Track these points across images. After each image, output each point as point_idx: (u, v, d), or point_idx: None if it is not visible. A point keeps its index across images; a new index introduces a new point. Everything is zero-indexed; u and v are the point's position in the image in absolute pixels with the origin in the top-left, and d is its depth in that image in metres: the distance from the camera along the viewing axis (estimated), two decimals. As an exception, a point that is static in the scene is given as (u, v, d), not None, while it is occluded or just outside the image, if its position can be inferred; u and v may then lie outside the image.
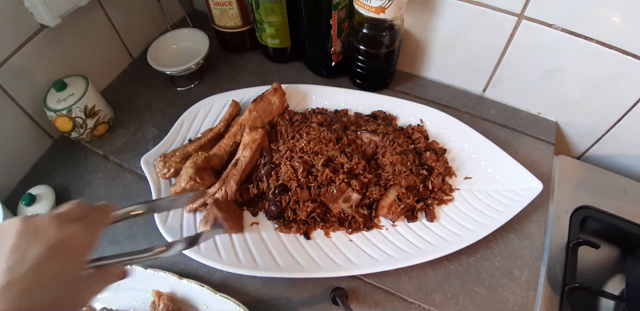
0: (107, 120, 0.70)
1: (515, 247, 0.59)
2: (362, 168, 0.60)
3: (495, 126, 0.72)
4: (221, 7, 0.72)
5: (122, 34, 0.77)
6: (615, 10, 0.53)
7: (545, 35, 0.60)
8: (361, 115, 0.70)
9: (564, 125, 0.73)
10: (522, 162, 0.62)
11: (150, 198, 0.60)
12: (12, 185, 0.67)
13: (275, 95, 0.67)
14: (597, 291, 0.56)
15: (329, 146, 0.61)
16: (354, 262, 0.55)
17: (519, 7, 0.59)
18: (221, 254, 0.56)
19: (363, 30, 0.65)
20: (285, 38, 0.75)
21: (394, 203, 0.58)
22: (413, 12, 0.66)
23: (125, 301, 0.55)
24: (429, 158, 0.63)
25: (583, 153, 0.77)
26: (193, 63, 0.72)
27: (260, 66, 0.81)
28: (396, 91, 0.76)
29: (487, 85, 0.74)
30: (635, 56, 0.57)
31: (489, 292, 0.56)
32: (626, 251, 0.62)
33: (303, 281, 0.56)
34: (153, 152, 0.64)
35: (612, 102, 0.64)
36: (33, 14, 0.58)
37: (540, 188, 0.59)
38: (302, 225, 0.58)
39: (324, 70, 0.76)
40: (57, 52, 0.65)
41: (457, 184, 0.63)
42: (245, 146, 0.61)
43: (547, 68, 0.65)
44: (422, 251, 0.56)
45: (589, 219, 0.62)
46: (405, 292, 0.56)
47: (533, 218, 0.61)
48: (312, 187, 0.58)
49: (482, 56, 0.69)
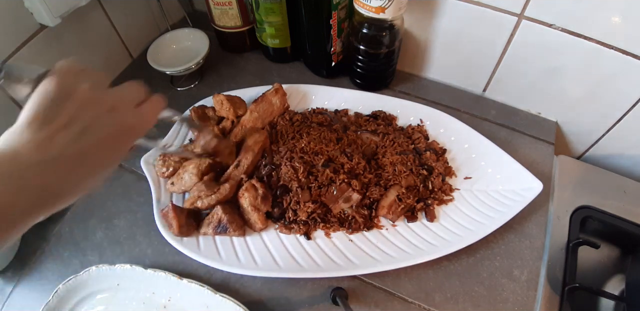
0: (107, 120, 0.70)
1: (515, 247, 0.59)
2: (363, 168, 0.60)
3: (495, 126, 0.72)
4: (221, 7, 0.72)
5: (122, 34, 0.77)
6: (615, 10, 0.53)
7: (545, 35, 0.60)
8: (361, 115, 0.70)
9: (564, 125, 0.73)
10: (522, 162, 0.62)
11: (150, 199, 0.60)
12: (12, 185, 0.67)
13: (277, 96, 0.67)
14: (597, 291, 0.56)
15: (329, 146, 0.61)
16: (354, 262, 0.55)
17: (519, 7, 0.59)
18: (221, 254, 0.56)
19: (363, 30, 0.65)
20: (285, 38, 0.75)
21: (394, 203, 0.58)
22: (413, 12, 0.66)
23: (125, 301, 0.55)
24: (429, 158, 0.63)
25: (583, 153, 0.77)
26: (193, 63, 0.72)
27: (260, 66, 0.81)
28: (396, 91, 0.76)
29: (487, 85, 0.74)
30: (635, 56, 0.57)
31: (489, 292, 0.56)
32: (626, 251, 0.62)
33: (303, 281, 0.57)
34: (153, 152, 0.64)
35: (612, 102, 0.64)
36: (33, 14, 0.58)
37: (540, 188, 0.59)
38: (303, 226, 0.58)
39: (324, 70, 0.76)
40: (57, 52, 0.65)
41: (457, 184, 0.63)
42: (248, 148, 0.61)
43: (547, 68, 0.65)
44: (422, 251, 0.56)
45: (589, 219, 0.62)
46: (405, 292, 0.56)
47: (533, 218, 0.61)
48: (312, 187, 0.58)
49: (482, 56, 0.69)
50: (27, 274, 0.59)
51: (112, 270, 0.55)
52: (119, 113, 0.34)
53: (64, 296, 0.55)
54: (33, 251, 0.60)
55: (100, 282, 0.56)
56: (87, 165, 0.33)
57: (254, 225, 0.58)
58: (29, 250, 0.60)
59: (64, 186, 0.32)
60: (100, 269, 0.55)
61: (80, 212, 0.63)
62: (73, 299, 0.55)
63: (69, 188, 0.32)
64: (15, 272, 0.59)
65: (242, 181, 0.60)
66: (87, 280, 0.55)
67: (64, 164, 0.31)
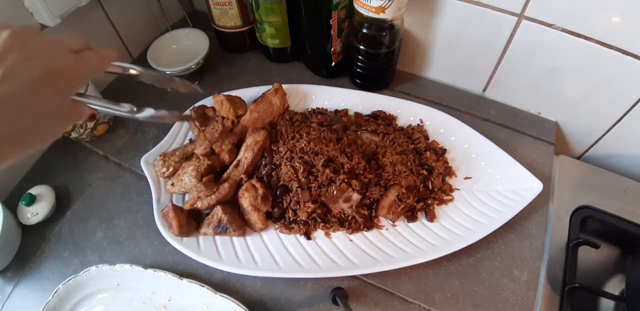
0: (107, 120, 0.70)
1: (515, 247, 0.59)
2: (363, 168, 0.60)
3: (495, 126, 0.72)
4: (221, 7, 0.72)
5: (122, 34, 0.77)
6: (615, 10, 0.53)
7: (545, 35, 0.60)
8: (361, 115, 0.70)
9: (564, 125, 0.73)
10: (522, 162, 0.62)
11: (150, 199, 0.60)
12: (12, 185, 0.67)
13: (277, 96, 0.67)
14: (597, 291, 0.56)
15: (329, 146, 0.61)
16: (354, 262, 0.55)
17: (519, 7, 0.59)
18: (221, 254, 0.56)
19: (363, 30, 0.65)
20: (285, 38, 0.75)
21: (394, 203, 0.58)
22: (413, 12, 0.66)
23: (125, 301, 0.55)
24: (429, 158, 0.63)
25: (583, 153, 0.77)
26: (193, 63, 0.72)
27: (260, 66, 0.81)
28: (396, 91, 0.76)
29: (487, 85, 0.74)
30: (635, 56, 0.57)
31: (489, 292, 0.56)
32: (626, 251, 0.62)
33: (303, 281, 0.57)
34: (153, 152, 0.64)
35: (612, 102, 0.64)
36: (33, 14, 0.58)
37: (540, 188, 0.59)
38: (303, 226, 0.58)
39: (324, 70, 0.76)
40: (57, 52, 0.65)
41: (457, 184, 0.63)
42: (248, 147, 0.61)
43: (547, 68, 0.65)
44: (422, 251, 0.56)
45: (589, 219, 0.62)
46: (405, 292, 0.56)
47: (533, 218, 0.61)
48: (312, 187, 0.58)
49: (482, 56, 0.69)
50: (27, 274, 0.59)
51: (112, 270, 0.55)
52: (46, 57, 0.32)
53: (64, 296, 0.55)
54: (33, 252, 0.60)
55: (100, 282, 0.56)
56: (18, 113, 0.30)
57: (254, 225, 0.58)
58: (29, 250, 0.60)
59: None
60: (100, 269, 0.55)
61: (80, 212, 0.63)
62: (73, 299, 0.55)
63: (3, 136, 0.30)
64: (15, 272, 0.59)
65: (242, 181, 0.60)
66: (87, 280, 0.55)
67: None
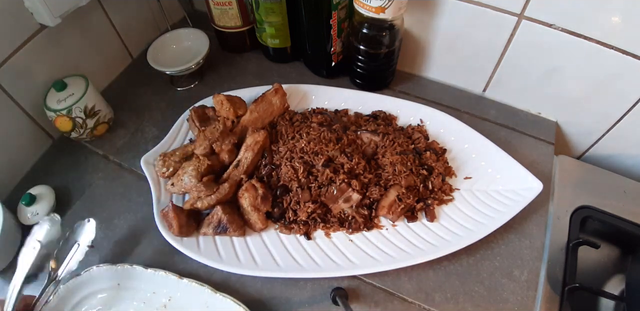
0: (107, 120, 0.70)
1: (515, 247, 0.59)
2: (362, 168, 0.60)
3: (495, 126, 0.72)
4: (221, 7, 0.72)
5: (122, 34, 0.77)
6: (615, 10, 0.53)
7: (545, 35, 0.60)
8: (361, 115, 0.70)
9: (564, 125, 0.73)
10: (522, 162, 0.62)
11: (150, 199, 0.60)
12: (12, 185, 0.67)
13: (276, 96, 0.67)
14: (597, 291, 0.56)
15: (329, 146, 0.61)
16: (354, 262, 0.55)
17: (519, 7, 0.59)
18: (221, 254, 0.56)
19: (363, 30, 0.65)
20: (285, 38, 0.75)
21: (394, 203, 0.58)
22: (413, 12, 0.66)
23: (125, 301, 0.55)
24: (429, 158, 0.63)
25: (583, 153, 0.77)
26: (193, 63, 0.72)
27: (260, 66, 0.81)
28: (396, 91, 0.76)
29: (487, 85, 0.74)
30: (635, 56, 0.57)
31: (489, 292, 0.56)
32: (626, 251, 0.62)
33: (303, 281, 0.57)
34: (153, 152, 0.64)
35: (612, 102, 0.64)
36: (33, 14, 0.58)
37: (540, 188, 0.59)
38: (303, 226, 0.58)
39: (324, 70, 0.76)
40: (57, 52, 0.65)
41: (457, 184, 0.63)
42: (248, 147, 0.61)
43: (547, 68, 0.65)
44: (422, 251, 0.56)
45: (589, 219, 0.62)
46: (405, 292, 0.56)
47: (533, 218, 0.61)
48: (312, 187, 0.58)
49: (482, 56, 0.69)
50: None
51: (112, 269, 0.55)
52: None
53: (64, 296, 0.55)
54: (33, 251, 0.60)
55: (100, 282, 0.56)
56: None
57: (254, 225, 0.58)
58: (29, 250, 0.60)
59: None
60: (100, 269, 0.55)
61: (80, 212, 0.63)
62: (74, 299, 0.55)
63: None
64: (16, 272, 0.59)
65: (242, 181, 0.60)
66: (87, 279, 0.55)
67: None
